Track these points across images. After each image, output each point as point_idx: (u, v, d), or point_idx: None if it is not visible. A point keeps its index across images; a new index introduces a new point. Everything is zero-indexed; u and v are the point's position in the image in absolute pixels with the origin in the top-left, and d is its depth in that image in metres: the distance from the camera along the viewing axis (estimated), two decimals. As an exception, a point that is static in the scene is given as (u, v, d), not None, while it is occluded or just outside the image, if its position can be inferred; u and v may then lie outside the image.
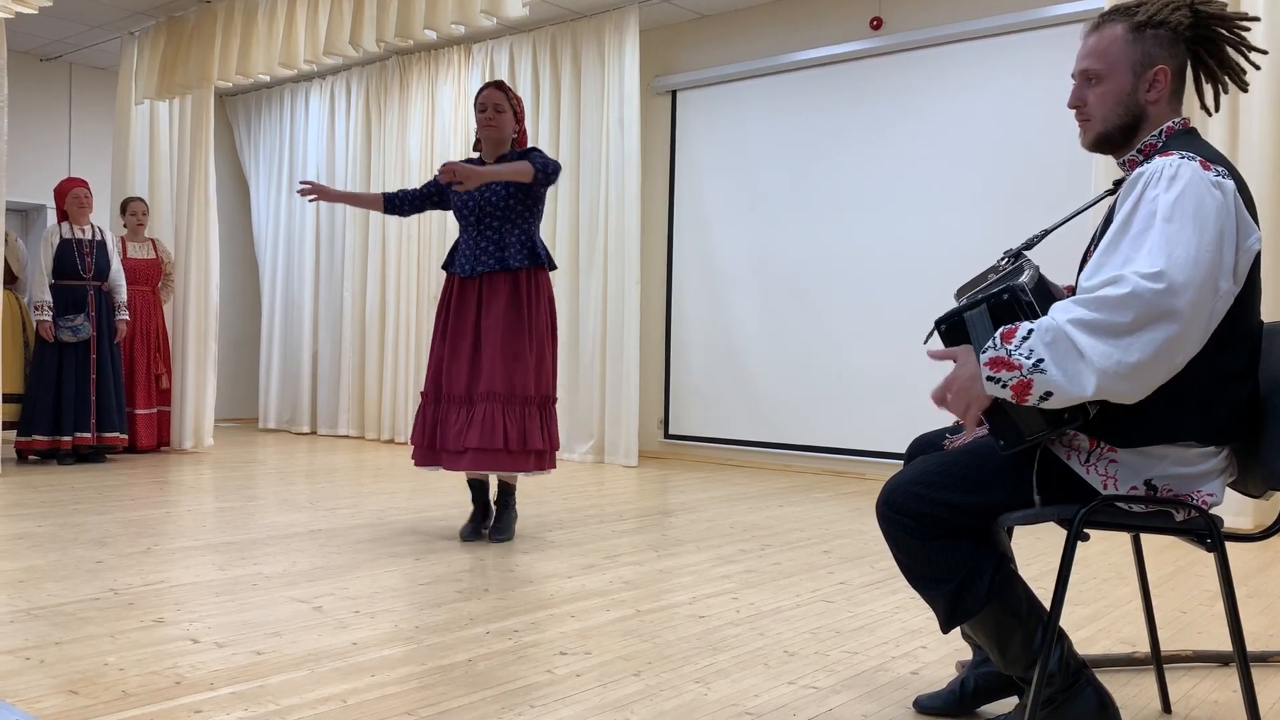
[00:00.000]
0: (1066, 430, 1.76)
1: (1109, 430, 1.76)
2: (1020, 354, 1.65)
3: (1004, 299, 1.73)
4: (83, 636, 2.62)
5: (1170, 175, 1.68)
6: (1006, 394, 1.68)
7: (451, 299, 4.07)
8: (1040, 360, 1.63)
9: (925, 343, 1.96)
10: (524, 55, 7.40)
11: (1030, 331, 1.66)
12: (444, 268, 4.12)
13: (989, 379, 1.68)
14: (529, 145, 4.30)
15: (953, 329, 1.80)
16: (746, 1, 6.81)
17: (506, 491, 4.17)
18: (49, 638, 2.61)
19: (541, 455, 4.03)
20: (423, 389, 4.01)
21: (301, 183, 4.23)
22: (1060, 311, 1.65)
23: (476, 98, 4.07)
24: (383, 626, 2.77)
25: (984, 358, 1.68)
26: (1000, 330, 1.69)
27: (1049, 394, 1.64)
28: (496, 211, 4.01)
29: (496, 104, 4.06)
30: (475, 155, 4.17)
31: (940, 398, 1.77)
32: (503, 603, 3.07)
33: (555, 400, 4.12)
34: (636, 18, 6.82)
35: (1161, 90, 1.82)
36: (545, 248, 4.07)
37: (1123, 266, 1.65)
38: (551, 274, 4.18)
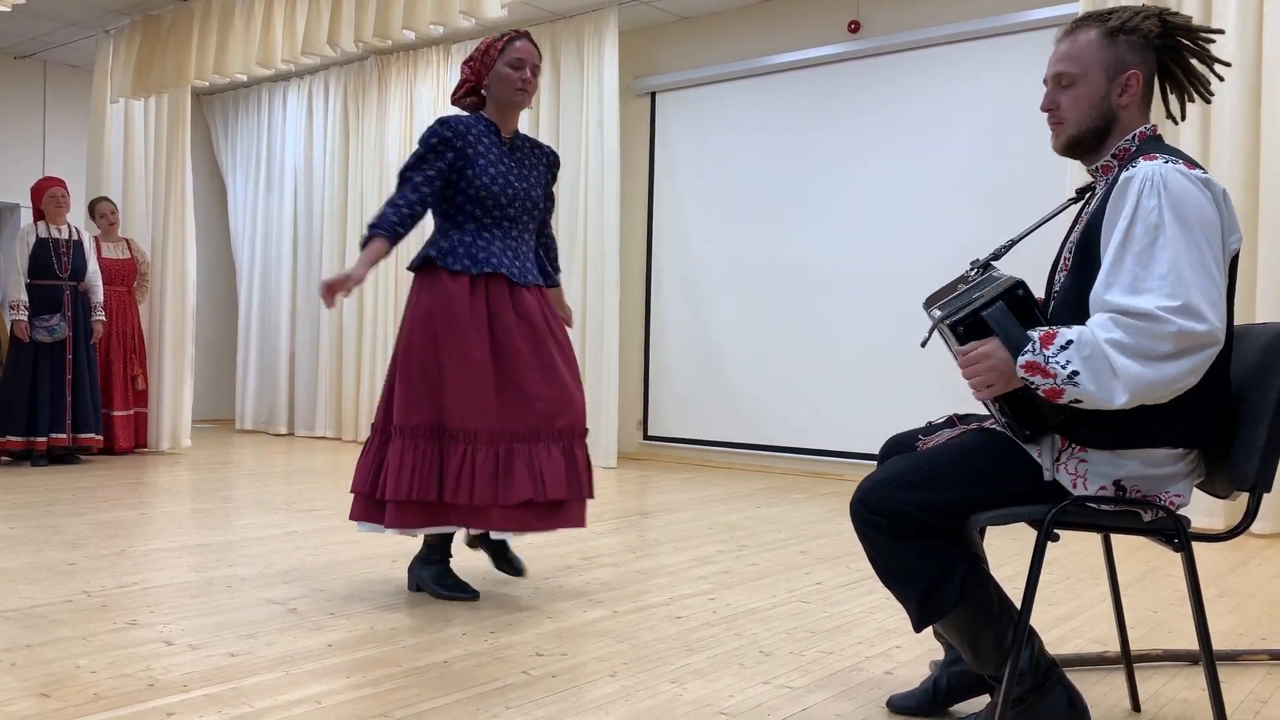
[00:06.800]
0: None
1: (1086, 431, 1.78)
2: (1057, 363, 1.69)
3: (1019, 294, 1.77)
4: (55, 639, 2.60)
5: (1162, 183, 1.71)
6: (1039, 393, 1.73)
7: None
8: (1075, 373, 1.68)
9: (923, 345, 1.97)
10: (503, 56, 7.38)
11: (1069, 342, 1.69)
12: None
13: (1022, 379, 1.73)
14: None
15: (970, 327, 1.80)
16: (726, 4, 6.83)
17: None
18: (20, 640, 2.59)
19: None
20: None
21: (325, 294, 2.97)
22: (1100, 329, 1.69)
23: (508, 47, 3.10)
24: (358, 628, 2.76)
25: (1021, 359, 1.72)
26: (1039, 333, 1.72)
27: (1078, 401, 1.71)
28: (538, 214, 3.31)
29: (536, 65, 3.14)
30: (474, 115, 3.17)
31: (968, 366, 1.79)
32: (479, 604, 3.06)
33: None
34: (616, 19, 6.83)
35: (1133, 95, 1.85)
36: (423, 248, 3.18)
37: (1133, 286, 1.69)
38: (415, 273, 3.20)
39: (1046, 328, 1.74)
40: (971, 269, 1.99)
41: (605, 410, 6.79)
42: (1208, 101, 1.91)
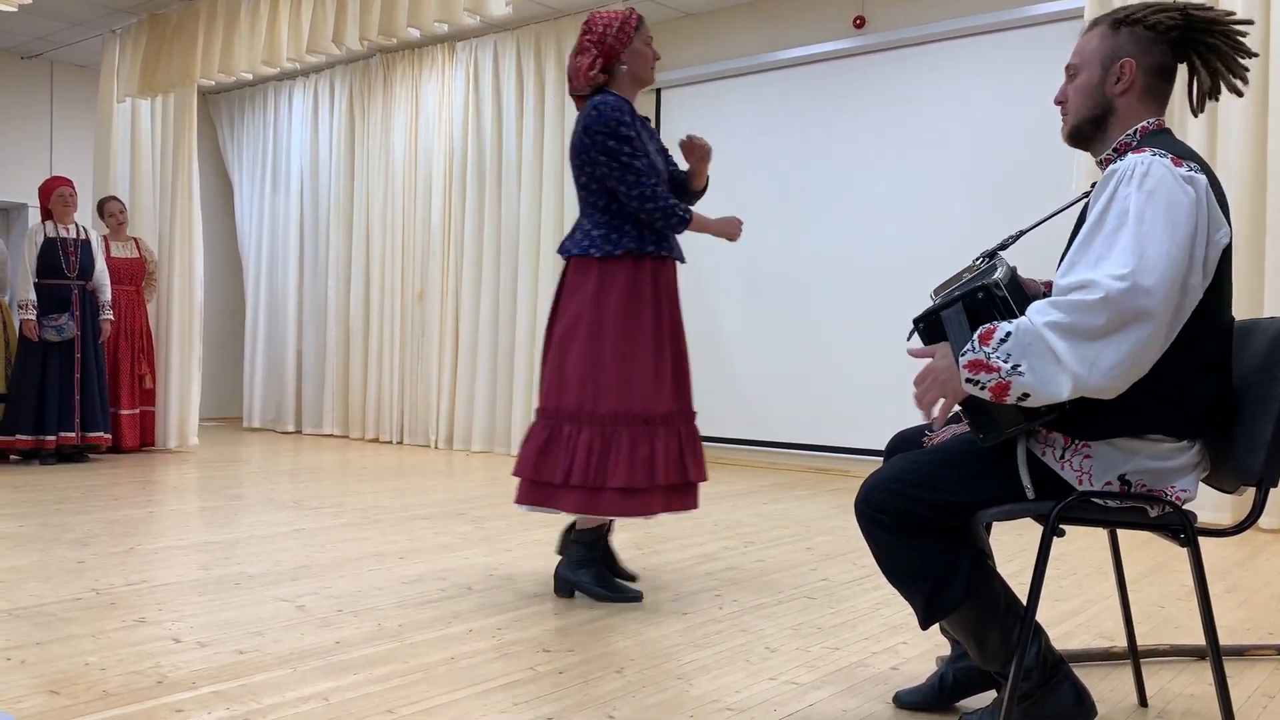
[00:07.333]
0: (1042, 423, 1.78)
1: (1078, 423, 1.78)
2: (998, 357, 1.68)
3: (979, 297, 1.76)
4: (64, 636, 2.61)
5: (1142, 173, 1.71)
6: (985, 394, 1.71)
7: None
8: (1018, 365, 1.67)
9: (909, 339, 1.98)
10: (508, 53, 7.39)
11: (1008, 334, 1.69)
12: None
13: (968, 380, 1.71)
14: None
15: (930, 327, 1.83)
16: (730, 0, 6.82)
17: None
18: (30, 638, 2.60)
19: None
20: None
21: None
22: (1037, 314, 1.68)
23: (642, 26, 3.15)
24: (366, 625, 2.77)
25: (963, 360, 1.71)
26: (979, 331, 1.72)
27: (1026, 395, 1.68)
28: None
29: None
30: (612, 94, 3.13)
31: (919, 380, 1.80)
32: (486, 601, 3.07)
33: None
34: (621, 16, 6.82)
35: (1128, 83, 1.85)
36: (603, 233, 3.14)
37: (1095, 265, 1.68)
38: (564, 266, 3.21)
39: (990, 324, 1.72)
40: (979, 258, 2.00)
41: (611, 407, 6.79)
42: (1239, 94, 1.90)
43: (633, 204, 3.05)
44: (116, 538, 3.93)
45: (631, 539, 4.10)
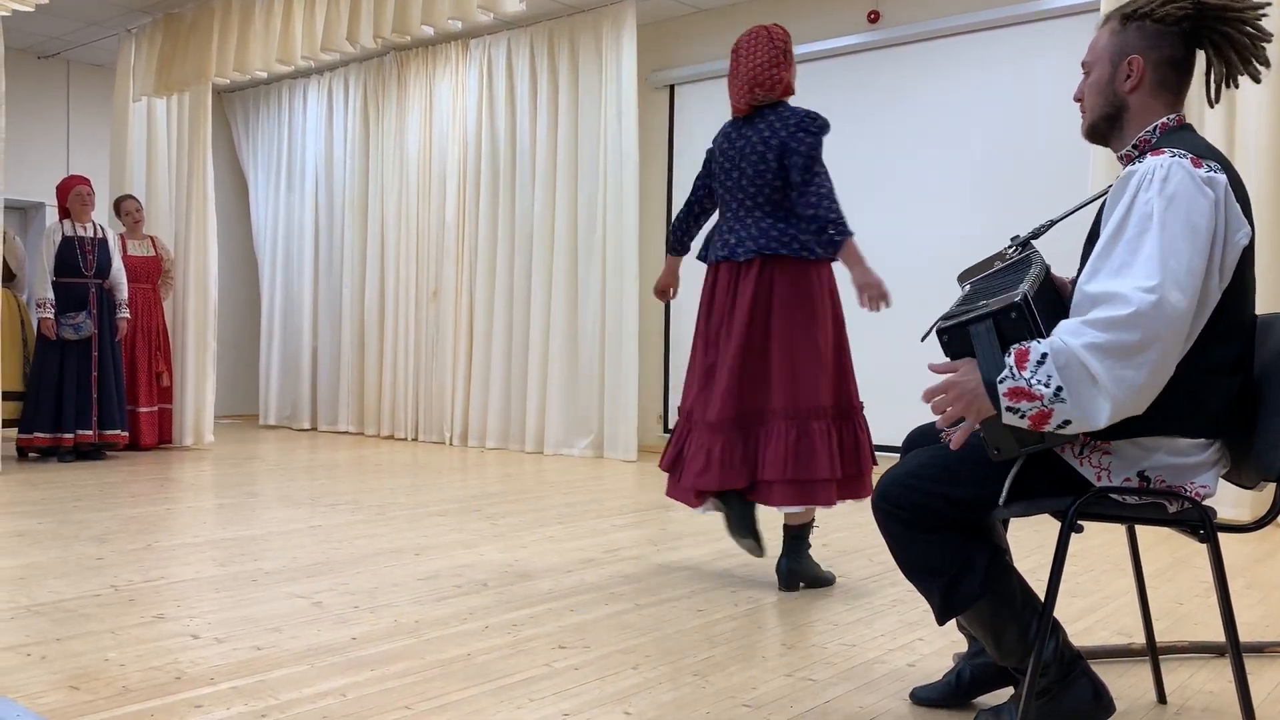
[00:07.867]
0: (1060, 440, 1.75)
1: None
2: (1039, 382, 1.63)
3: (1011, 317, 1.70)
4: (84, 632, 2.63)
5: (1162, 177, 1.69)
6: (1024, 423, 1.66)
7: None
8: (1060, 389, 1.62)
9: (923, 339, 1.97)
10: (522, 50, 7.40)
11: (1044, 356, 1.64)
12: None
13: (1009, 409, 1.66)
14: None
15: (955, 338, 1.76)
16: (744, -5, 6.81)
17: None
18: (50, 634, 2.62)
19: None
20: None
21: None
22: (1071, 335, 1.64)
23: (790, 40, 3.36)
24: (382, 621, 2.78)
25: (1003, 387, 1.66)
26: (1012, 353, 1.67)
27: (1067, 422, 1.64)
28: None
29: None
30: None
31: (932, 398, 1.76)
32: (502, 597, 3.08)
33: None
34: (634, 12, 6.82)
35: (1137, 80, 1.83)
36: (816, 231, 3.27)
37: (1119, 273, 1.66)
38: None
39: (1021, 344, 1.67)
40: (1011, 245, 1.97)
41: (625, 404, 6.80)
42: (1257, 81, 1.87)
43: (817, 200, 3.11)
44: (134, 534, 3.96)
45: (646, 536, 4.11)
